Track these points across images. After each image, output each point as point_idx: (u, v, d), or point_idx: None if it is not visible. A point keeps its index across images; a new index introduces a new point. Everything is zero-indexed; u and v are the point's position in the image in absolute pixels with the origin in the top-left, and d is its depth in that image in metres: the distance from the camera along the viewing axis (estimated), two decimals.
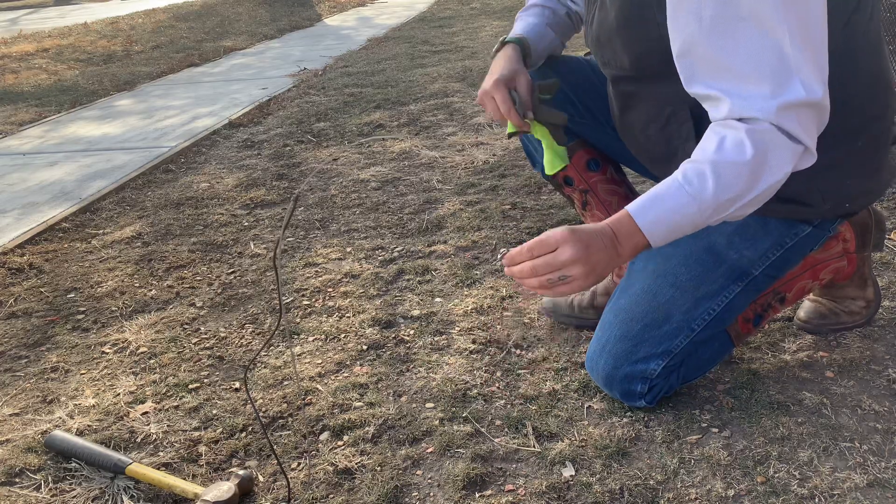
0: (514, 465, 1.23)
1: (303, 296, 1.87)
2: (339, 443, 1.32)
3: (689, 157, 1.20)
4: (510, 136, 1.46)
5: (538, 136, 1.45)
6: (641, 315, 1.29)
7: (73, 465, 1.31)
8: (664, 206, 1.07)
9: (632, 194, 1.59)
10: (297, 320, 1.76)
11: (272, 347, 1.65)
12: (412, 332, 1.66)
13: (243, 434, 1.36)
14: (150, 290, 1.99)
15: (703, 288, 1.28)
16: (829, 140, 1.17)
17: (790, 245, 1.28)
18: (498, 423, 1.33)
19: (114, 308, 1.90)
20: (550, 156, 1.46)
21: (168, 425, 1.41)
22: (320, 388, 1.48)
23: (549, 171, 1.47)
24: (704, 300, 1.28)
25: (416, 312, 1.74)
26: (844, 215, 1.28)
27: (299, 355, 1.61)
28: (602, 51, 1.33)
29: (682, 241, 1.30)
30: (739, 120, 1.05)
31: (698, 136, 1.17)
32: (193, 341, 1.71)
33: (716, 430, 1.27)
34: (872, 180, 1.26)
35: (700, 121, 1.19)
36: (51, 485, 1.28)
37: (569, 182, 1.59)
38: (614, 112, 1.41)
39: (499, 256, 1.13)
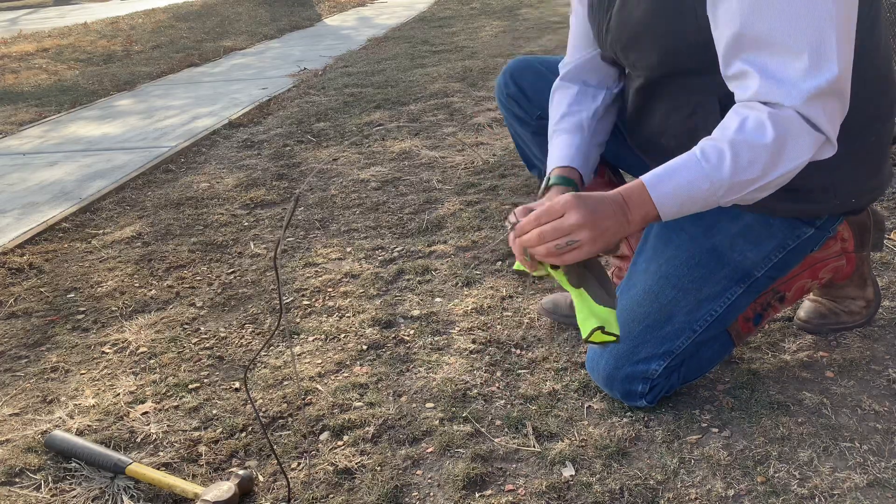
0: (514, 465, 1.23)
1: (303, 296, 1.87)
2: (339, 443, 1.32)
3: None
4: (517, 273, 1.27)
5: (565, 286, 1.15)
6: (643, 316, 1.29)
7: (73, 465, 1.31)
8: (679, 180, 1.06)
9: None
10: (297, 320, 1.76)
11: (272, 347, 1.65)
12: (412, 332, 1.66)
13: (243, 434, 1.36)
14: (150, 290, 1.99)
15: (706, 290, 1.28)
16: (844, 135, 1.17)
17: (792, 247, 1.28)
18: (498, 423, 1.33)
19: (114, 308, 1.90)
20: (585, 314, 1.14)
21: (168, 425, 1.41)
22: (320, 388, 1.48)
23: (583, 333, 1.14)
24: (707, 302, 1.28)
25: (416, 312, 1.74)
26: (849, 212, 1.28)
27: (299, 355, 1.61)
28: (627, 53, 1.28)
29: (685, 243, 1.30)
30: (764, 103, 1.04)
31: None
32: (193, 341, 1.71)
33: (716, 430, 1.27)
34: (878, 177, 1.26)
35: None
36: (51, 485, 1.28)
37: None
38: (630, 107, 1.38)
39: (507, 226, 1.09)
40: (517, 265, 1.21)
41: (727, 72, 1.10)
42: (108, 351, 1.70)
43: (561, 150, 1.38)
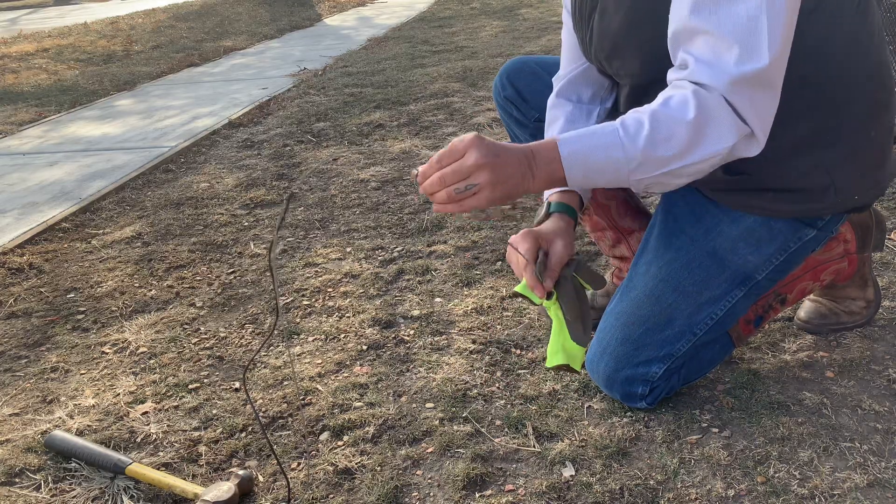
0: (514, 465, 1.23)
1: (303, 296, 1.87)
2: (339, 443, 1.32)
3: None
4: (515, 296, 1.25)
5: (551, 314, 1.22)
6: (643, 319, 1.29)
7: (73, 465, 1.31)
8: (592, 141, 1.03)
9: (629, 197, 1.59)
10: (297, 320, 1.76)
11: (272, 347, 1.65)
12: (412, 332, 1.66)
13: (243, 434, 1.36)
14: (150, 290, 1.99)
15: (707, 293, 1.27)
16: (848, 129, 1.16)
17: (794, 249, 1.27)
18: (498, 423, 1.33)
19: (114, 308, 1.90)
20: (556, 346, 1.20)
21: (168, 425, 1.41)
22: (320, 388, 1.48)
23: (548, 362, 1.22)
24: (707, 305, 1.28)
25: (416, 312, 1.74)
26: (852, 209, 1.27)
27: (299, 355, 1.61)
28: (610, 62, 1.29)
29: (685, 245, 1.29)
30: (693, 83, 1.02)
31: None
32: (193, 341, 1.71)
33: (716, 430, 1.27)
34: (880, 171, 1.25)
35: None
36: (51, 485, 1.28)
37: None
38: (622, 113, 1.38)
39: (414, 173, 1.05)
40: (520, 287, 1.22)
41: (675, 65, 1.09)
42: (108, 351, 1.70)
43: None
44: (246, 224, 2.39)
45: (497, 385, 1.44)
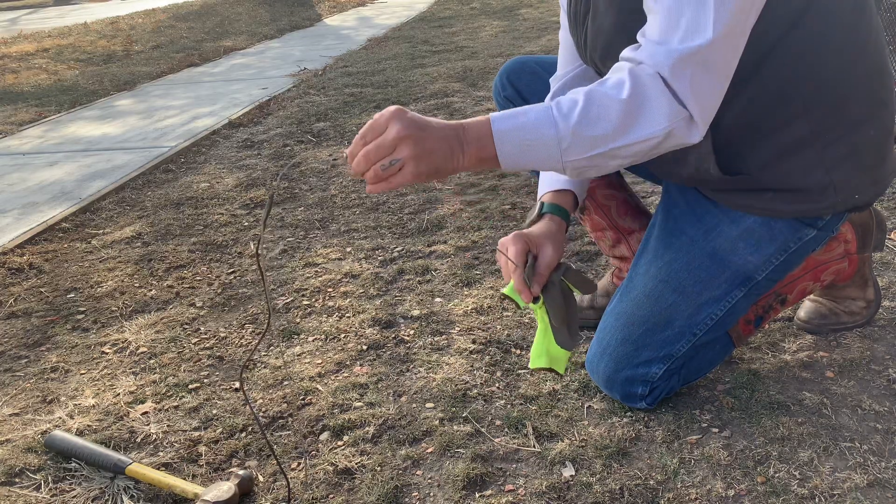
0: (514, 465, 1.23)
1: (303, 296, 1.87)
2: (339, 443, 1.32)
3: (702, 155, 1.19)
4: (503, 298, 1.27)
5: (537, 316, 1.23)
6: (643, 319, 1.29)
7: (73, 465, 1.31)
8: (525, 119, 0.99)
9: (630, 197, 1.58)
10: (297, 320, 1.76)
11: (272, 347, 1.65)
12: (412, 332, 1.66)
13: (243, 434, 1.36)
14: (150, 290, 1.99)
15: (707, 293, 1.27)
16: (845, 128, 1.16)
17: (794, 249, 1.27)
18: (498, 423, 1.33)
19: (114, 308, 1.90)
20: (539, 349, 1.21)
21: (168, 425, 1.41)
22: (320, 388, 1.48)
23: (531, 363, 1.23)
24: (707, 305, 1.28)
25: (416, 312, 1.74)
26: (852, 209, 1.27)
27: (299, 355, 1.61)
28: (605, 62, 1.28)
29: (685, 246, 1.29)
30: (636, 62, 1.00)
31: (712, 133, 1.15)
32: (193, 341, 1.71)
33: (716, 430, 1.27)
34: (880, 170, 1.24)
35: (716, 119, 1.13)
36: (51, 485, 1.28)
37: None
38: None
39: (343, 154, 1.04)
40: (507, 289, 1.22)
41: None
42: (108, 351, 1.70)
43: (560, 178, 1.34)
44: (246, 224, 2.39)
45: (497, 385, 1.44)
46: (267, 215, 0.99)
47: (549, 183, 1.35)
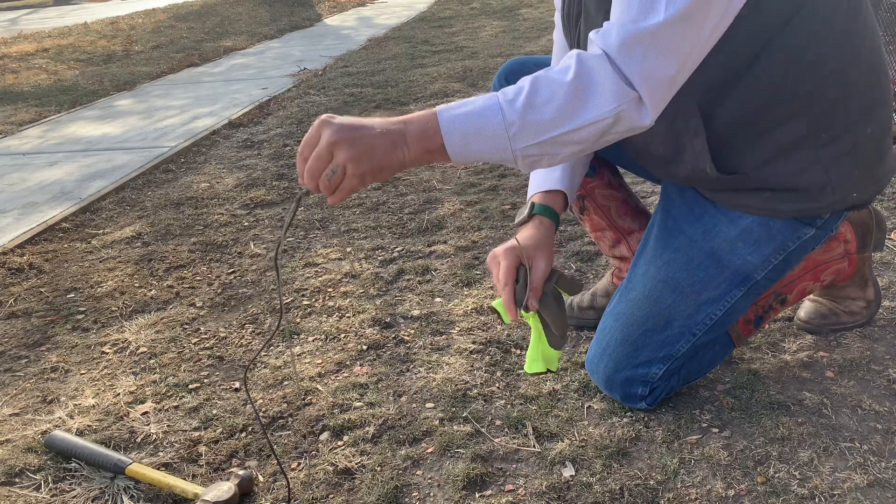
0: (514, 465, 1.23)
1: (303, 296, 1.87)
2: (339, 443, 1.32)
3: (697, 154, 1.19)
4: (491, 311, 1.26)
5: (531, 323, 1.24)
6: (642, 320, 1.29)
7: (73, 465, 1.31)
8: (471, 107, 0.97)
9: (629, 197, 1.58)
10: (297, 320, 1.76)
11: (272, 347, 1.65)
12: (412, 332, 1.66)
13: (243, 434, 1.36)
14: (150, 290, 1.99)
15: (706, 293, 1.27)
16: (842, 127, 1.16)
17: (793, 249, 1.27)
18: (498, 423, 1.33)
19: (114, 308, 1.90)
20: (535, 354, 1.24)
21: (168, 425, 1.41)
22: (320, 388, 1.48)
23: (528, 368, 1.25)
24: (706, 305, 1.28)
25: (416, 312, 1.74)
26: (850, 207, 1.26)
27: (299, 355, 1.61)
28: None
29: (683, 246, 1.29)
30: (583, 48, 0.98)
31: (707, 131, 1.15)
32: (193, 341, 1.71)
33: (716, 430, 1.27)
34: (879, 168, 1.24)
35: (709, 118, 1.15)
36: (51, 485, 1.28)
37: None
38: None
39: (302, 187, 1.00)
40: (496, 303, 1.23)
41: None
42: (108, 351, 1.70)
43: (546, 171, 1.33)
44: (246, 224, 2.39)
45: (497, 385, 1.44)
46: (291, 218, 0.99)
47: (540, 183, 1.34)
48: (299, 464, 1.28)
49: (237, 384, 1.53)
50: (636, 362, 1.28)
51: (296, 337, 1.69)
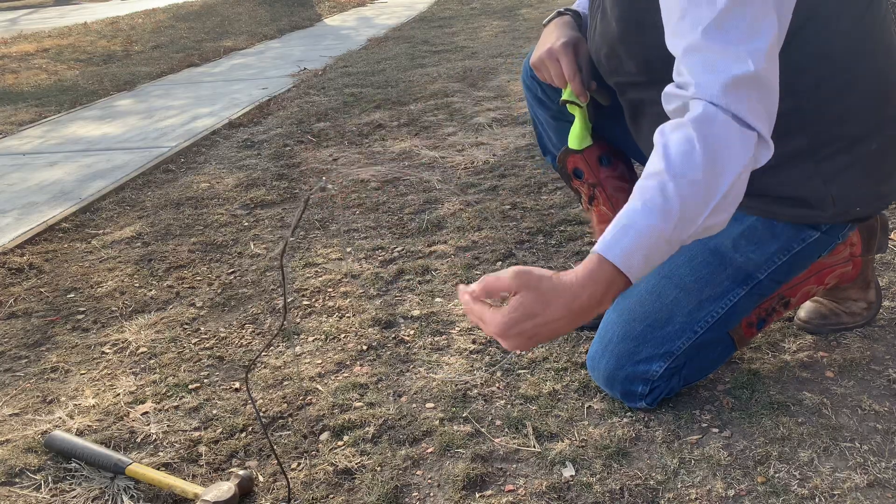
0: (514, 465, 1.23)
1: (303, 296, 1.87)
2: (339, 443, 1.32)
3: None
4: (563, 103, 1.44)
5: (572, 110, 1.47)
6: (644, 315, 1.29)
7: (73, 465, 1.31)
8: (634, 232, 0.94)
9: None
10: (297, 320, 1.76)
11: (272, 348, 1.65)
12: (412, 332, 1.66)
13: (243, 434, 1.36)
14: (150, 290, 1.99)
15: (707, 290, 1.27)
16: (844, 142, 1.16)
17: (797, 250, 1.26)
18: (498, 423, 1.33)
19: (114, 308, 1.90)
20: (582, 131, 1.48)
21: (168, 425, 1.41)
22: (320, 388, 1.48)
23: (577, 145, 1.49)
24: (708, 302, 1.28)
25: (416, 312, 1.74)
26: (854, 220, 1.26)
27: (299, 355, 1.61)
28: (608, 61, 1.32)
29: (688, 244, 1.30)
30: (689, 110, 0.99)
31: None
32: (193, 341, 1.71)
33: (716, 430, 1.27)
34: (886, 184, 1.23)
35: None
36: (51, 485, 1.28)
37: (578, 174, 1.59)
38: (626, 113, 1.41)
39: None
40: (566, 94, 1.43)
41: (676, 79, 1.05)
42: (108, 351, 1.70)
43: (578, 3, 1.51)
44: (246, 224, 2.39)
45: (497, 385, 1.44)
46: (299, 219, 1.00)
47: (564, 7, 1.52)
48: (299, 464, 1.28)
49: (237, 384, 1.53)
50: (637, 359, 1.28)
51: (296, 337, 1.69)
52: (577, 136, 1.50)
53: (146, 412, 1.45)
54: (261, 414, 1.41)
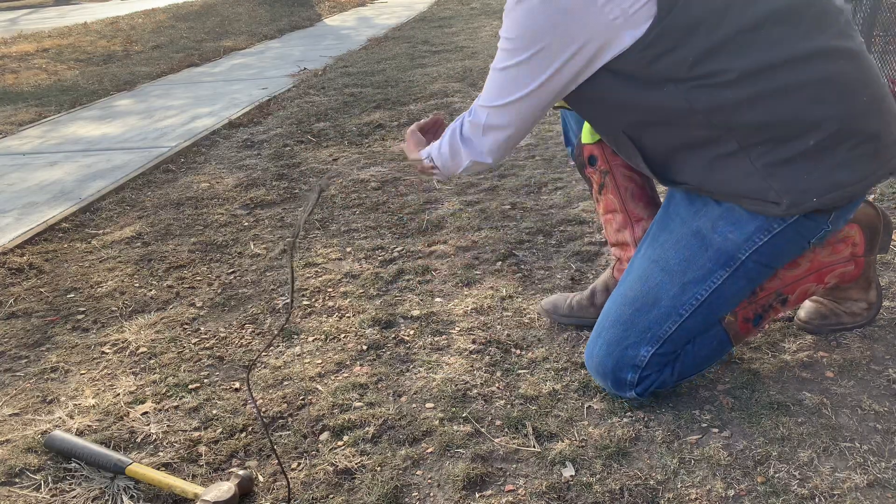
0: (514, 465, 1.23)
1: (303, 296, 1.87)
2: (339, 443, 1.32)
3: (643, 169, 1.32)
4: (557, 107, 1.53)
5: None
6: (633, 300, 1.31)
7: (73, 465, 1.31)
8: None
9: (647, 185, 1.59)
10: (298, 320, 1.76)
11: (272, 348, 1.65)
12: (412, 332, 1.66)
13: (243, 434, 1.36)
14: (150, 290, 1.99)
15: (690, 273, 1.28)
16: (774, 143, 1.16)
17: (778, 231, 1.24)
18: (498, 423, 1.33)
19: (114, 308, 1.90)
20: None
21: (168, 425, 1.41)
22: (320, 388, 1.48)
23: (589, 139, 1.56)
24: (692, 285, 1.28)
25: (416, 312, 1.74)
26: (818, 210, 1.23)
27: (299, 355, 1.61)
28: None
29: (674, 227, 1.32)
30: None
31: (642, 150, 1.27)
32: (193, 341, 1.71)
33: (716, 430, 1.27)
34: (841, 173, 1.20)
35: (639, 143, 1.27)
36: (51, 485, 1.28)
37: (592, 162, 1.60)
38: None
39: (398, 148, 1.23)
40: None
41: None
42: (108, 351, 1.70)
43: None
44: (246, 224, 2.39)
45: (497, 385, 1.44)
46: (309, 214, 1.00)
47: None
48: (299, 464, 1.28)
49: (237, 384, 1.53)
50: (626, 344, 1.30)
51: (296, 337, 1.69)
52: (588, 131, 1.58)
53: (146, 412, 1.45)
54: (261, 414, 1.41)
